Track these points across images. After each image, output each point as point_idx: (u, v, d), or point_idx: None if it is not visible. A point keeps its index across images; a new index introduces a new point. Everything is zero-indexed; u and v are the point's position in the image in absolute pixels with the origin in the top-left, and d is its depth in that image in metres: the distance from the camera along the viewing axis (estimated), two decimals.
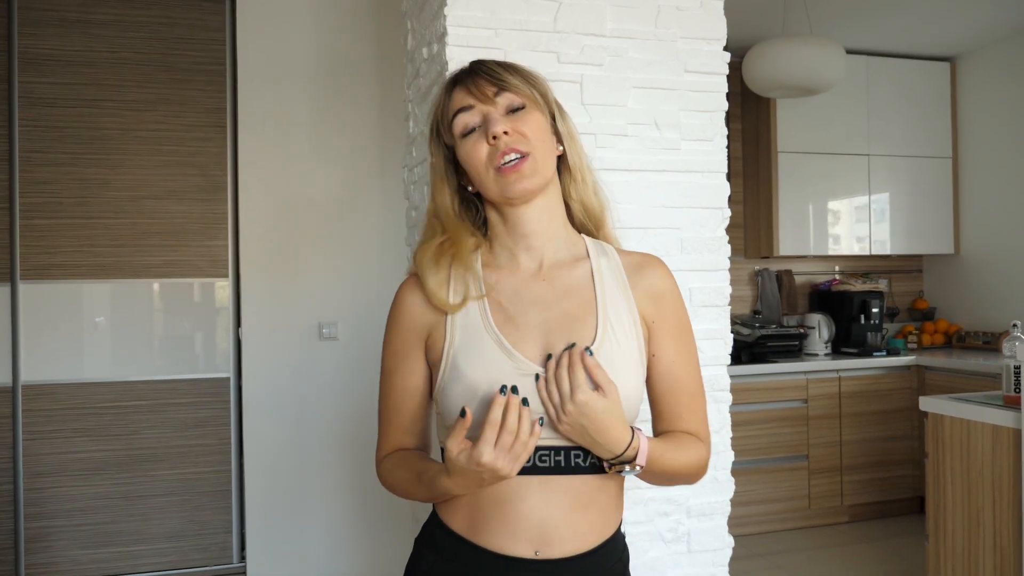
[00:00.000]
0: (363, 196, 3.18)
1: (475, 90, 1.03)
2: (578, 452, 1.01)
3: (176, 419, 3.18)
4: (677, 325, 1.09)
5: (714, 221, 1.81)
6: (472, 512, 1.03)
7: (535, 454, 1.00)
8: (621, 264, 1.09)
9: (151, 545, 3.16)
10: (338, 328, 3.13)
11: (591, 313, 1.04)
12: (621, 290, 1.07)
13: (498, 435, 0.91)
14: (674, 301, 1.09)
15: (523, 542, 1.01)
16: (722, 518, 1.82)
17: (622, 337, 1.03)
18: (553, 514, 1.01)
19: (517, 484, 1.00)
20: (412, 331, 1.09)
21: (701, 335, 1.78)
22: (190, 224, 3.17)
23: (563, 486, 1.01)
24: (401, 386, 1.10)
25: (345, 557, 3.16)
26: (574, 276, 1.07)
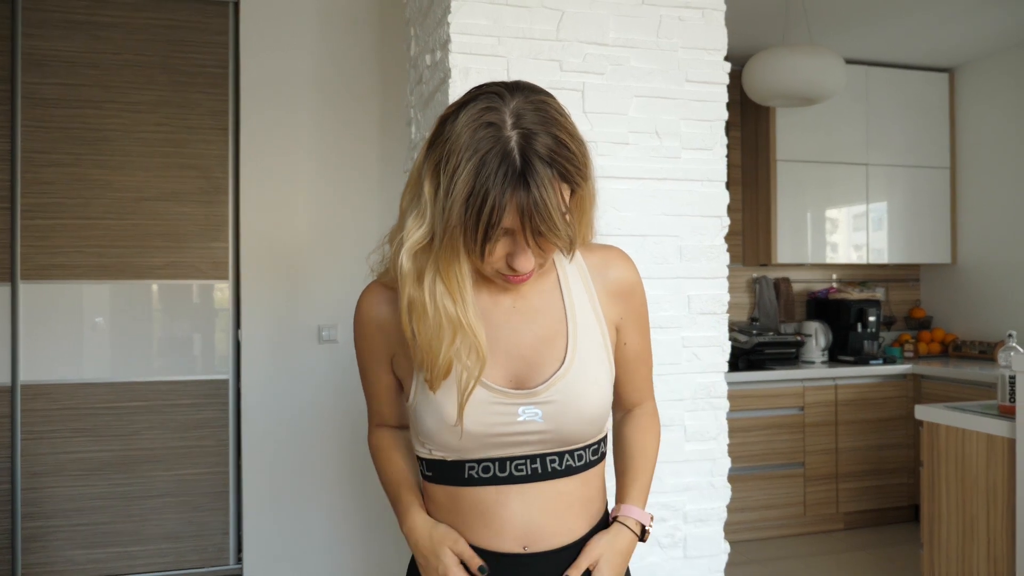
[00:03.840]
0: (364, 199, 3.19)
1: (526, 231, 0.93)
2: (554, 457, 1.03)
3: (175, 420, 3.19)
4: (640, 314, 1.14)
5: (713, 229, 1.83)
6: (456, 517, 1.06)
7: (511, 463, 1.02)
8: (585, 265, 1.10)
9: (148, 546, 3.16)
10: (338, 331, 3.14)
11: (561, 334, 1.05)
12: (588, 295, 1.08)
13: None
14: (639, 294, 1.14)
15: (510, 540, 1.03)
16: (718, 524, 1.83)
17: (592, 351, 1.06)
18: (536, 516, 1.03)
19: (497, 493, 1.03)
20: (377, 350, 1.11)
21: (699, 342, 1.79)
22: (191, 226, 3.18)
23: (543, 491, 1.03)
24: (375, 381, 1.15)
25: (342, 559, 3.16)
26: (543, 289, 1.07)
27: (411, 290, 0.98)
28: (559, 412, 1.02)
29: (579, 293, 1.08)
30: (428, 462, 1.08)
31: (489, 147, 0.91)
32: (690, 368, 1.78)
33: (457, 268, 0.96)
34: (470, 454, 1.03)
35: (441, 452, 1.04)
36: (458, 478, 1.04)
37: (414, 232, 0.97)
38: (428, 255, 0.98)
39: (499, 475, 1.02)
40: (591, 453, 1.07)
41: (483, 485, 1.03)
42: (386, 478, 1.17)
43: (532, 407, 1.01)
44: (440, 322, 0.97)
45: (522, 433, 1.02)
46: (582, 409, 1.03)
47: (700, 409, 1.80)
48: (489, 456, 1.02)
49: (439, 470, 1.06)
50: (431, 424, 1.02)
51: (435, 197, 0.95)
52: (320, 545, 3.15)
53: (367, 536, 3.19)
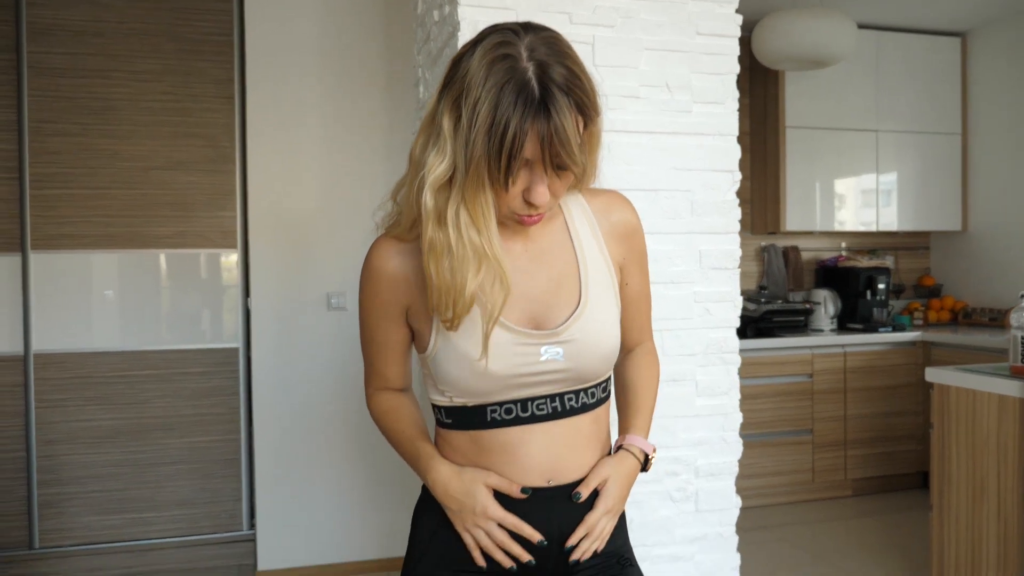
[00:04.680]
0: (370, 166, 3.18)
1: (545, 159, 0.94)
2: (570, 395, 1.07)
3: (186, 388, 3.21)
4: (641, 255, 1.17)
5: (725, 184, 1.82)
6: (479, 458, 1.07)
7: (532, 403, 1.05)
8: (590, 208, 1.12)
9: (162, 512, 3.20)
10: (347, 298, 3.15)
11: (573, 275, 1.08)
12: (594, 238, 1.11)
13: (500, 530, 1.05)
14: (640, 235, 1.17)
15: (534, 475, 1.06)
16: (730, 478, 1.83)
17: (602, 290, 1.09)
18: (558, 452, 1.06)
19: (521, 433, 1.05)
20: (392, 303, 1.09)
21: (711, 297, 1.79)
22: (199, 195, 3.18)
23: (563, 428, 1.07)
24: (384, 338, 1.14)
25: (355, 524, 3.19)
26: (552, 233, 1.09)
27: (433, 229, 0.98)
28: (579, 351, 1.04)
29: (586, 235, 1.10)
30: (447, 409, 1.08)
31: (508, 78, 0.92)
32: (702, 323, 1.78)
33: (483, 199, 0.96)
34: (492, 397, 1.04)
35: (462, 398, 1.05)
36: (480, 422, 1.06)
37: (436, 168, 0.97)
38: (448, 192, 0.98)
39: (521, 416, 1.05)
40: (600, 390, 1.11)
41: (506, 426, 1.05)
42: (399, 436, 1.17)
43: (554, 346, 1.03)
44: (465, 253, 0.97)
45: (544, 372, 1.04)
46: (600, 346, 1.06)
47: (712, 364, 1.80)
48: (511, 398, 1.04)
49: (460, 416, 1.07)
50: (454, 370, 1.03)
51: (455, 132, 0.96)
52: (332, 510, 3.17)
53: (378, 501, 3.21)
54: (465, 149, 0.94)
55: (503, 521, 1.05)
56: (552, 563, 1.08)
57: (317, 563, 3.15)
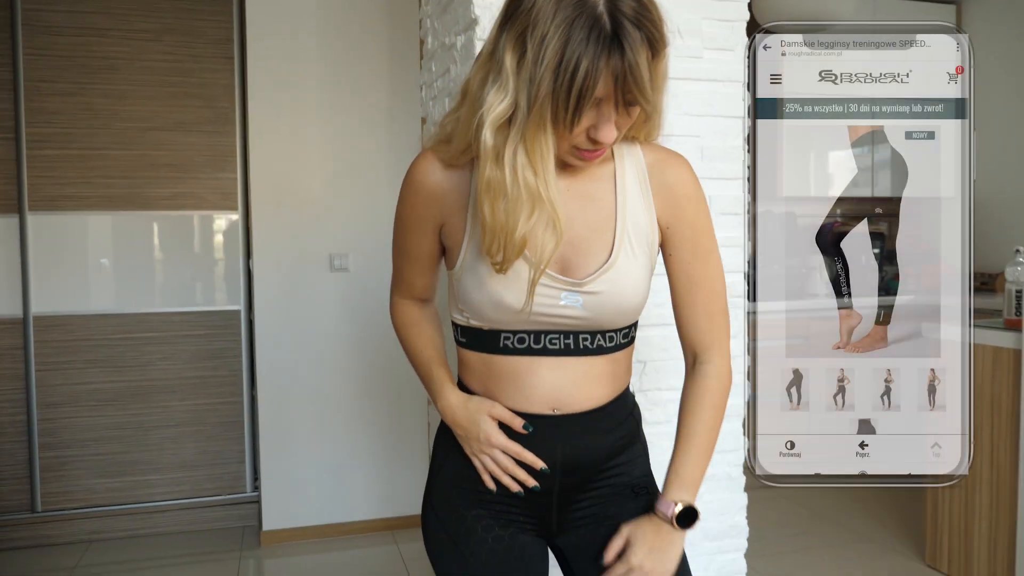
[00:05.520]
0: (372, 127, 3.17)
1: (617, 97, 0.93)
2: (586, 336, 1.06)
3: (188, 351, 3.21)
4: (694, 227, 1.09)
5: (733, 131, 1.83)
6: (488, 381, 1.10)
7: (545, 336, 1.05)
8: (644, 162, 1.08)
9: (165, 475, 3.21)
10: (349, 259, 3.15)
11: (609, 224, 1.05)
12: (642, 192, 1.07)
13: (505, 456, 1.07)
14: (694, 204, 1.09)
15: (539, 404, 1.07)
16: (737, 420, 1.86)
17: (637, 248, 1.05)
18: (565, 385, 1.07)
19: (529, 363, 1.06)
20: (428, 217, 1.10)
21: (721, 242, 1.80)
22: (198, 156, 3.16)
23: (573, 364, 1.07)
24: (414, 248, 1.14)
25: (358, 484, 3.21)
26: (598, 180, 1.06)
27: (491, 169, 0.96)
28: (600, 303, 1.04)
29: (633, 187, 1.07)
30: (463, 328, 1.10)
31: (577, 13, 0.88)
32: None
33: (543, 141, 0.94)
34: (506, 326, 1.05)
35: (478, 321, 1.07)
36: (493, 347, 1.07)
37: (496, 106, 0.94)
38: (507, 131, 0.95)
39: (533, 347, 1.06)
40: (621, 336, 1.10)
41: (517, 355, 1.06)
42: (417, 356, 1.20)
43: (575, 294, 1.03)
44: (519, 195, 0.95)
45: (560, 316, 1.04)
46: (622, 303, 1.05)
47: None
48: (525, 329, 1.05)
49: (474, 337, 1.09)
50: (474, 295, 1.04)
51: (519, 69, 0.93)
52: (335, 471, 3.19)
53: (383, 462, 3.24)
54: (529, 87, 0.91)
55: (506, 448, 1.07)
56: (559, 487, 1.10)
57: (322, 522, 3.17)
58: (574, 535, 1.13)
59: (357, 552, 3.06)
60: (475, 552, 1.11)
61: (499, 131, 0.95)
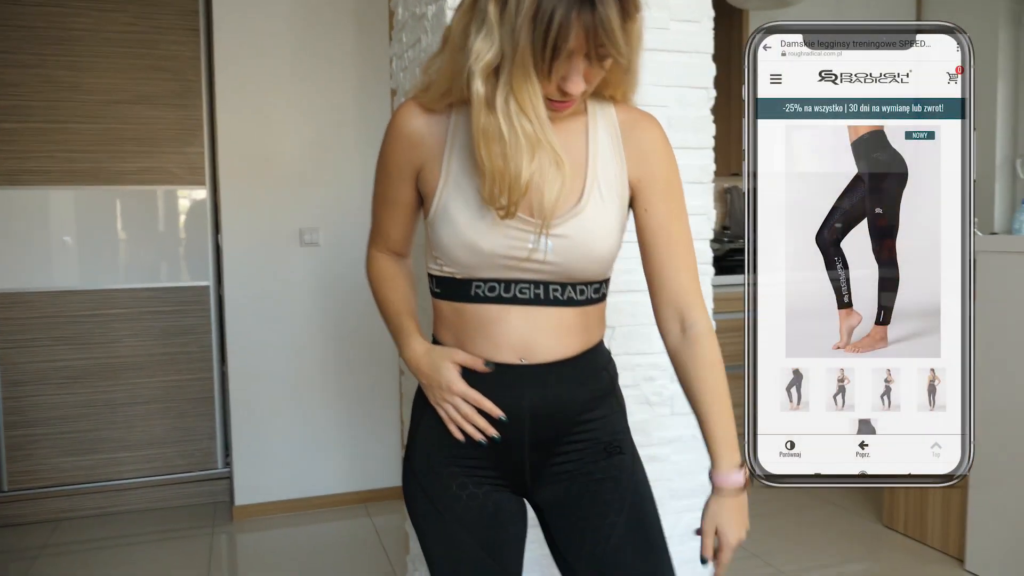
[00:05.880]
0: (344, 98, 3.15)
1: (589, 50, 0.96)
2: (556, 287, 1.08)
3: (156, 327, 3.19)
4: (668, 184, 1.12)
5: (700, 101, 1.87)
6: (459, 331, 1.11)
7: (516, 285, 1.07)
8: (617, 120, 1.11)
9: (135, 452, 3.19)
10: (319, 234, 3.14)
11: (580, 174, 1.07)
12: (614, 148, 1.09)
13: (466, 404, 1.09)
14: (666, 161, 1.12)
15: (507, 351, 1.08)
16: None
17: (606, 196, 1.07)
18: (534, 334, 1.08)
19: (499, 311, 1.07)
20: (405, 162, 1.12)
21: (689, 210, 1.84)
22: (165, 130, 3.13)
23: (543, 314, 1.08)
24: (392, 197, 1.17)
25: (331, 458, 3.23)
26: (570, 130, 1.09)
27: (484, 116, 0.98)
28: (570, 248, 1.05)
29: (604, 142, 1.09)
30: (438, 279, 1.12)
31: None
32: None
33: (530, 88, 0.96)
34: (478, 272, 1.07)
35: (451, 268, 1.08)
36: (465, 295, 1.09)
37: (484, 55, 0.96)
38: (496, 80, 0.97)
39: (503, 295, 1.07)
40: (592, 291, 1.11)
41: (487, 303, 1.08)
42: (388, 307, 1.21)
43: (545, 237, 1.04)
44: (517, 141, 0.97)
45: (531, 260, 1.05)
46: (592, 249, 1.07)
47: None
48: (496, 276, 1.07)
49: (447, 287, 1.11)
50: (445, 237, 1.06)
51: (502, 18, 0.95)
52: (308, 445, 3.21)
53: (355, 435, 3.26)
54: (511, 36, 0.94)
55: (467, 396, 1.08)
56: (529, 439, 1.10)
57: (294, 497, 3.19)
58: (549, 491, 1.15)
59: (330, 525, 3.08)
60: (451, 509, 1.13)
61: (488, 79, 0.97)
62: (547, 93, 0.99)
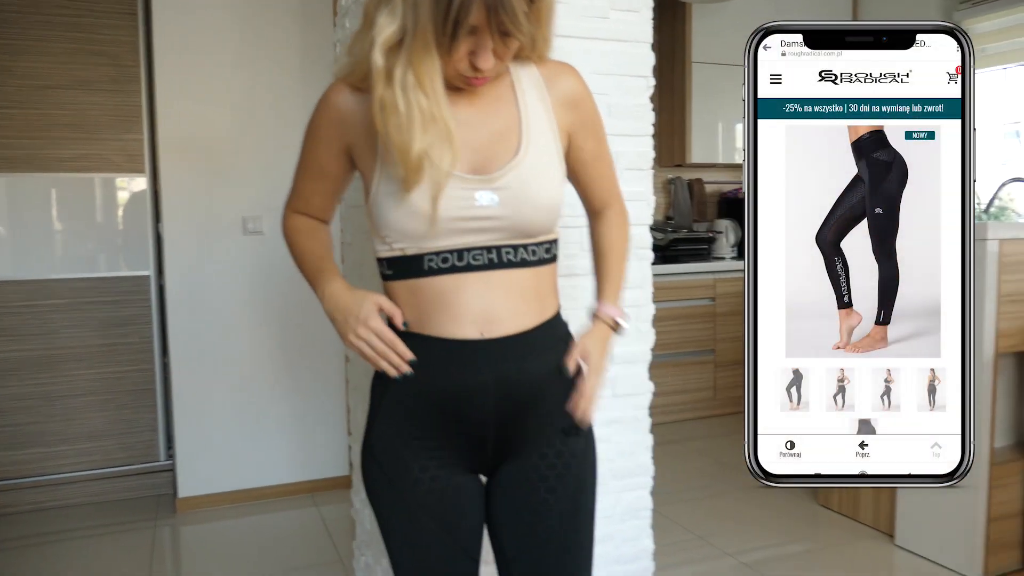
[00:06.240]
0: (286, 85, 3.12)
1: (491, 26, 0.99)
2: (509, 249, 1.10)
3: (95, 318, 3.12)
4: (593, 122, 1.20)
5: (639, 89, 1.91)
6: (417, 310, 1.12)
7: (468, 253, 1.09)
8: (540, 76, 1.15)
9: (73, 445, 3.13)
10: (263, 222, 3.11)
11: (514, 129, 1.11)
12: (541, 102, 1.14)
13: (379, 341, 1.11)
14: (590, 105, 1.20)
15: (467, 325, 1.09)
16: (643, 366, 1.97)
17: (544, 147, 1.12)
18: (492, 302, 1.10)
19: (455, 281, 1.09)
20: (334, 136, 1.15)
21: (627, 196, 1.87)
22: (102, 116, 3.06)
23: (499, 279, 1.10)
24: (315, 164, 1.19)
25: (278, 448, 3.21)
26: (498, 93, 1.13)
27: (383, 88, 1.01)
28: (515, 198, 1.08)
29: (532, 99, 1.13)
30: (388, 260, 1.12)
31: None
32: None
33: (429, 63, 1.00)
34: (429, 243, 1.07)
35: (402, 244, 1.09)
36: (418, 270, 1.09)
37: (386, 29, 1.00)
38: (398, 53, 1.01)
39: (457, 264, 1.08)
40: (543, 251, 1.14)
41: (442, 275, 1.09)
42: (307, 255, 1.22)
43: (489, 192, 1.07)
44: (412, 115, 1.00)
45: (480, 219, 1.07)
46: (537, 196, 1.09)
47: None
48: (447, 246, 1.08)
49: (399, 265, 1.11)
50: (390, 211, 1.07)
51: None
52: (254, 436, 3.18)
53: (301, 425, 3.24)
54: (413, 12, 0.97)
55: (382, 335, 1.10)
56: (494, 415, 1.11)
57: (239, 488, 3.16)
58: (505, 467, 1.16)
59: (276, 515, 3.06)
60: (412, 491, 1.13)
61: (389, 53, 1.01)
62: (460, 70, 1.03)
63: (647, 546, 1.98)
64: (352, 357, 2.27)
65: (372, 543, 2.13)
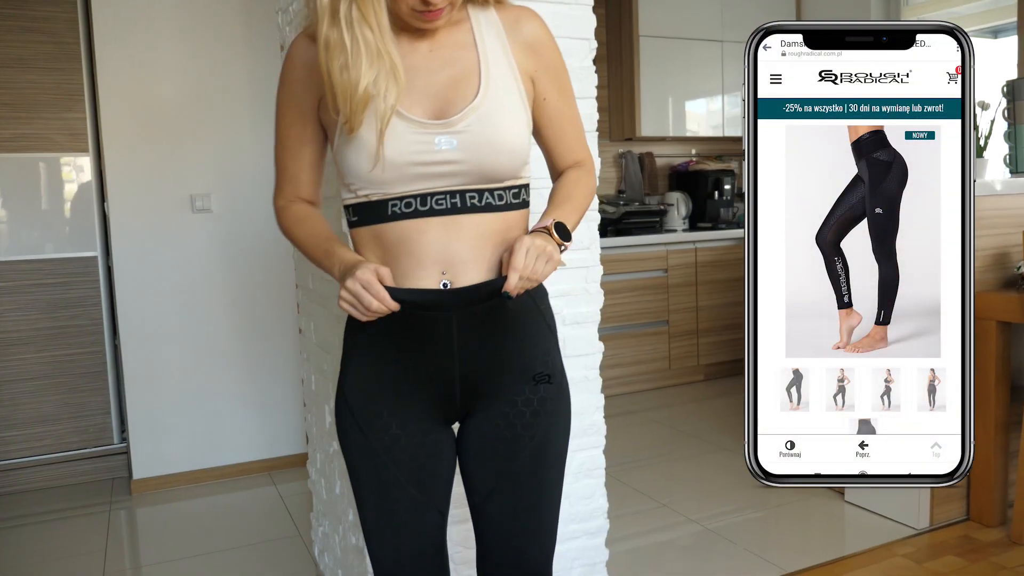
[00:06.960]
0: (233, 59, 3.08)
1: None
2: (473, 194, 1.09)
3: (42, 301, 3.07)
4: (557, 71, 1.19)
5: (582, 51, 1.93)
6: (381, 256, 1.12)
7: (432, 198, 1.08)
8: (500, 20, 1.15)
9: (23, 430, 3.08)
10: (211, 200, 3.08)
11: (474, 73, 1.10)
12: (500, 46, 1.13)
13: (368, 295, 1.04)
14: (552, 51, 1.19)
15: (429, 267, 1.09)
16: (593, 326, 2.00)
17: (504, 90, 1.11)
18: (454, 245, 1.09)
19: (418, 225, 1.08)
20: (305, 94, 1.14)
21: None
22: (42, 95, 2.99)
23: (462, 223, 1.09)
24: (295, 138, 1.17)
25: (234, 427, 3.19)
26: (457, 37, 1.13)
27: (328, 27, 1.02)
28: (474, 142, 1.07)
29: (492, 42, 1.13)
30: (354, 207, 1.12)
31: None
32: None
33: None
34: (392, 188, 1.08)
35: (366, 190, 1.09)
36: (382, 215, 1.10)
37: None
38: None
39: (420, 209, 1.08)
40: (511, 196, 1.12)
41: (405, 219, 1.09)
42: (312, 239, 1.17)
43: (448, 136, 1.07)
44: (358, 50, 1.01)
45: (440, 163, 1.07)
46: (498, 140, 1.08)
47: None
48: (410, 191, 1.08)
49: (364, 211, 1.11)
50: (352, 158, 1.07)
51: None
52: (209, 415, 3.16)
53: (257, 403, 3.23)
54: None
55: (369, 286, 1.02)
56: (459, 368, 1.12)
57: (195, 468, 3.14)
58: (475, 416, 1.17)
59: (234, 495, 3.05)
60: (387, 447, 1.14)
61: None
62: (411, 5, 1.04)
63: (601, 504, 2.02)
64: (304, 328, 2.27)
65: (329, 512, 2.15)
